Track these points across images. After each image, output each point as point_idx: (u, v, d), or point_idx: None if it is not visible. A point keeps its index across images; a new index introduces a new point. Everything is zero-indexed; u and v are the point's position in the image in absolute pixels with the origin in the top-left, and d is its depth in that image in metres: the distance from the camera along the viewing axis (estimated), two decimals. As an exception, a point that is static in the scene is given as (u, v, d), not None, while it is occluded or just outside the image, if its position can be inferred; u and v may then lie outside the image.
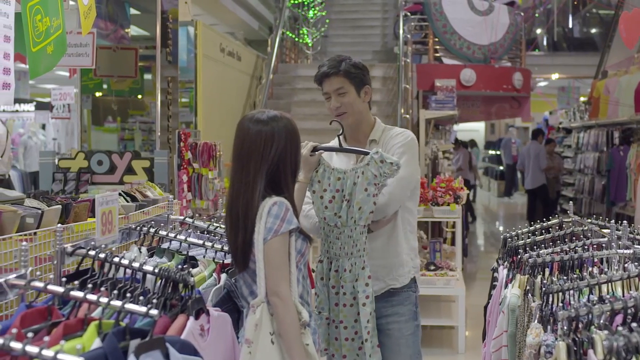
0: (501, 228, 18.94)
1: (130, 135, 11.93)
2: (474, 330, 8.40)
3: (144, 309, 2.61)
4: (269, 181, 3.24)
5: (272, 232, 3.14)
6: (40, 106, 18.63)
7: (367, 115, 4.17)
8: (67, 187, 7.44)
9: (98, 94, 11.34)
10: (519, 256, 4.38)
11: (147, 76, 10.62)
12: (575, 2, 24.64)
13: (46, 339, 2.17)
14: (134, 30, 11.53)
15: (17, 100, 18.87)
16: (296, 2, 16.80)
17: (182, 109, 11.12)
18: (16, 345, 2.08)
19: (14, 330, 2.14)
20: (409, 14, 15.03)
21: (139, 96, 11.41)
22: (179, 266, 3.63)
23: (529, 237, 4.78)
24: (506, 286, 4.36)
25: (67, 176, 7.54)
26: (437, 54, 15.56)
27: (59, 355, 2.07)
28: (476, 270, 12.99)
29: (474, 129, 33.51)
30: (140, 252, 3.81)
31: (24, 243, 3.06)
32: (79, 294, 2.67)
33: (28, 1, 4.09)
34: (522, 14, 17.35)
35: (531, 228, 5.07)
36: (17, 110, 18.96)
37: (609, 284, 3.59)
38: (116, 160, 7.66)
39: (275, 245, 3.14)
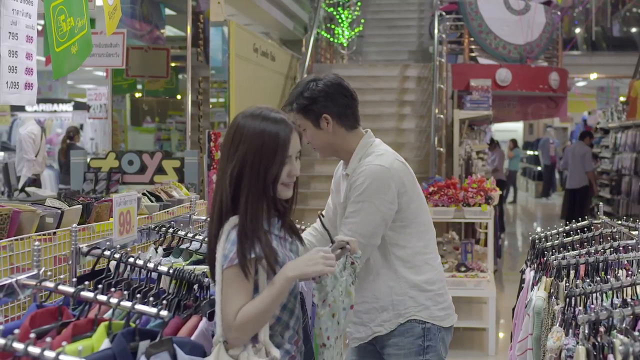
0: (539, 229, 18.76)
1: (167, 135, 11.99)
2: (506, 332, 8.33)
3: (154, 310, 2.59)
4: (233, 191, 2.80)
5: (228, 261, 2.70)
6: (79, 106, 18.79)
7: (340, 143, 3.73)
8: (98, 186, 7.47)
9: (137, 95, 11.42)
10: (546, 258, 4.32)
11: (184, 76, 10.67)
12: (613, 1, 24.34)
13: (48, 339, 2.16)
14: (169, 31, 11.57)
15: (55, 101, 19.07)
16: (331, 1, 16.77)
17: (218, 109, 11.13)
18: (18, 345, 2.07)
19: (16, 331, 2.13)
20: (444, 13, 14.94)
21: (178, 96, 11.47)
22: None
23: (557, 239, 4.71)
24: (532, 288, 4.30)
25: (98, 176, 7.57)
26: (473, 54, 15.46)
27: (61, 357, 2.06)
28: (511, 272, 12.88)
29: (512, 129, 33.28)
30: (157, 252, 3.81)
31: (37, 243, 3.06)
32: (90, 294, 2.65)
33: (51, 1, 4.10)
34: (559, 13, 17.18)
35: (560, 229, 4.99)
36: (55, 111, 19.15)
37: (635, 286, 3.52)
38: (147, 160, 7.68)
39: (229, 276, 2.70)
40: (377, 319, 3.69)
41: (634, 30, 26.10)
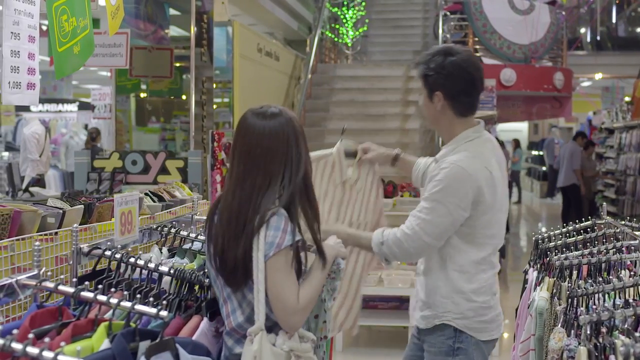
0: (543, 229, 18.71)
1: (172, 135, 12.03)
2: (510, 332, 8.29)
3: (154, 310, 2.59)
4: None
5: (275, 247, 2.73)
6: (83, 106, 18.83)
7: (444, 124, 3.69)
8: (101, 186, 7.49)
9: (142, 95, 11.44)
10: (548, 258, 4.31)
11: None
12: (618, 1, 24.31)
13: (47, 340, 2.15)
14: (174, 31, 11.60)
15: (60, 101, 19.10)
16: (336, 1, 16.77)
17: (223, 109, 11.15)
18: (17, 346, 2.07)
19: (15, 331, 2.13)
20: (448, 13, 14.94)
21: (183, 97, 11.49)
22: (197, 267, 3.60)
23: (560, 239, 4.69)
24: (535, 289, 4.29)
25: (101, 176, 7.59)
26: (477, 54, 15.43)
27: (59, 357, 2.05)
28: (515, 272, 12.84)
29: (517, 129, 33.23)
30: (161, 252, 3.80)
31: (37, 243, 3.06)
32: (90, 294, 2.65)
33: (54, 1, 4.10)
34: (564, 13, 17.16)
35: (564, 230, 4.97)
36: (60, 111, 19.19)
37: (638, 287, 3.51)
38: (150, 160, 7.69)
39: (279, 263, 2.74)
40: (419, 313, 3.72)
41: (639, 30, 26.06)
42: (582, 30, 25.10)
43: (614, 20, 25.01)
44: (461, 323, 3.61)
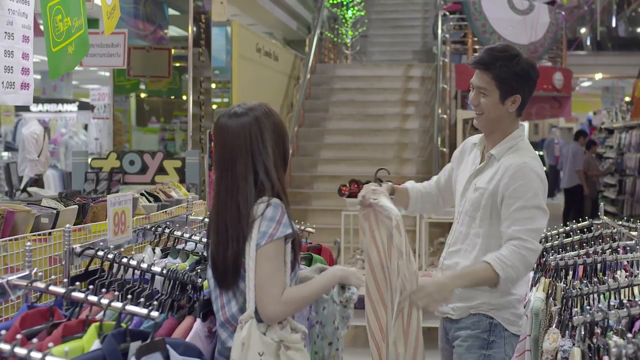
0: (543, 229, 18.62)
1: (171, 135, 12.03)
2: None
3: (145, 311, 2.58)
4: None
5: (267, 237, 2.78)
6: (83, 106, 18.79)
7: (504, 124, 3.65)
8: (99, 186, 7.48)
9: (142, 95, 11.43)
10: (545, 258, 4.30)
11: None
12: (618, 1, 24.28)
13: (35, 340, 2.14)
14: (173, 31, 11.59)
15: (60, 101, 19.08)
16: (335, 1, 16.76)
17: (222, 109, 11.14)
18: (5, 346, 2.06)
19: (3, 332, 2.12)
20: (448, 13, 14.93)
21: (183, 97, 11.49)
22: (189, 267, 3.59)
23: (557, 239, 4.68)
24: (531, 289, 4.28)
25: (99, 176, 7.58)
26: (476, 54, 15.41)
27: (47, 358, 2.05)
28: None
29: (517, 129, 33.10)
30: (154, 252, 3.79)
31: (29, 243, 3.05)
32: (81, 295, 2.64)
33: (48, 1, 4.09)
34: (563, 13, 17.13)
35: (561, 230, 4.96)
36: (59, 111, 19.17)
37: (632, 287, 3.50)
38: (148, 160, 7.68)
39: (269, 252, 2.78)
40: (448, 305, 3.70)
41: (639, 30, 26.03)
42: (582, 30, 25.06)
43: (614, 20, 24.96)
44: (496, 314, 3.65)
